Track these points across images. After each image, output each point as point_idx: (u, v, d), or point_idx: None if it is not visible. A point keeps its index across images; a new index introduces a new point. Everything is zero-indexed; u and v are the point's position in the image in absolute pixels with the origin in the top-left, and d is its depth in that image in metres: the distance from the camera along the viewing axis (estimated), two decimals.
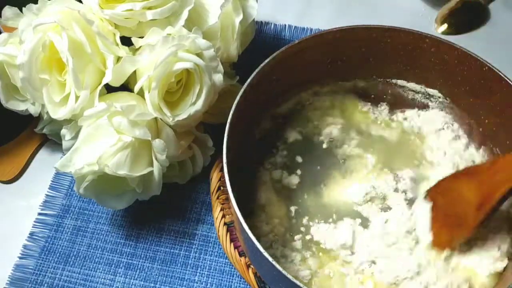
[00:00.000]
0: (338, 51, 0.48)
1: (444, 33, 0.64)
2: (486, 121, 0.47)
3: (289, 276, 0.35)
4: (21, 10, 0.45)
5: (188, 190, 0.51)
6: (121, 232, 0.50)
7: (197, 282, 0.47)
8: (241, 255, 0.45)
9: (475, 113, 0.49)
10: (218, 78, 0.44)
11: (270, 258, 0.35)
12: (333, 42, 0.47)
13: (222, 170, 0.39)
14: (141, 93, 0.43)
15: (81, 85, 0.42)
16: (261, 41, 0.62)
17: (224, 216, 0.47)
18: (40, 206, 0.51)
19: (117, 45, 0.43)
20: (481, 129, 0.48)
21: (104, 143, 0.41)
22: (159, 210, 0.50)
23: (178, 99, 0.44)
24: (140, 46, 0.44)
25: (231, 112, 0.41)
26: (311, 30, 0.64)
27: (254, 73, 0.43)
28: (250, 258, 0.43)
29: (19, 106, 0.48)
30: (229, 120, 0.41)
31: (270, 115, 0.51)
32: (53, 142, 0.53)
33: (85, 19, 0.41)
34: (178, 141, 0.45)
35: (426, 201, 0.44)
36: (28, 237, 0.49)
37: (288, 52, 0.45)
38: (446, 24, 0.64)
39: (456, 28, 0.64)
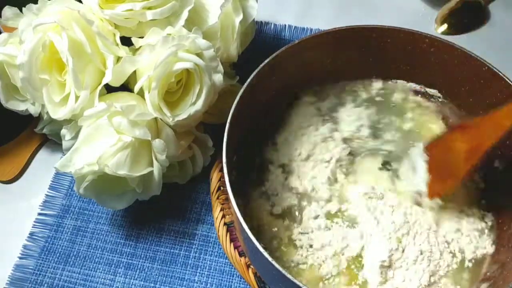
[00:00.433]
0: (338, 51, 0.48)
1: (444, 33, 0.64)
2: None
3: (289, 276, 0.35)
4: (21, 10, 0.45)
5: (188, 190, 0.51)
6: (121, 232, 0.50)
7: (197, 282, 0.47)
8: (241, 255, 0.45)
9: (475, 113, 0.49)
10: (218, 78, 0.44)
11: (270, 258, 0.35)
12: (333, 42, 0.47)
13: (222, 170, 0.39)
14: (141, 93, 0.43)
15: (81, 85, 0.42)
16: (261, 41, 0.62)
17: (224, 216, 0.47)
18: (40, 206, 0.51)
19: (117, 45, 0.43)
20: None
21: (104, 143, 0.41)
22: (159, 210, 0.50)
23: (178, 99, 0.44)
24: (140, 46, 0.44)
25: (231, 112, 0.41)
26: (311, 30, 0.64)
27: (254, 73, 0.43)
28: (250, 258, 0.43)
29: (19, 106, 0.48)
30: (229, 120, 0.41)
31: (270, 115, 0.51)
32: (53, 142, 0.53)
33: (85, 19, 0.41)
34: (178, 141, 0.45)
35: (423, 154, 0.45)
36: (28, 237, 0.49)
37: (288, 52, 0.45)
38: (446, 24, 0.64)
39: (456, 28, 0.64)
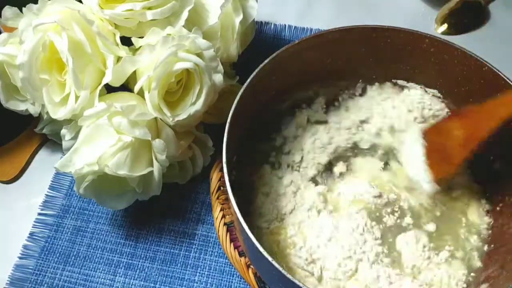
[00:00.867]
0: (338, 51, 0.48)
1: (444, 33, 0.64)
2: None
3: (289, 276, 0.35)
4: (21, 10, 0.45)
5: (188, 190, 0.51)
6: (121, 232, 0.50)
7: (197, 282, 0.47)
8: (241, 255, 0.45)
9: None
10: (218, 78, 0.44)
11: (270, 258, 0.35)
12: (333, 42, 0.47)
13: (222, 170, 0.39)
14: (141, 93, 0.43)
15: (81, 85, 0.42)
16: (261, 41, 0.62)
17: (224, 216, 0.47)
18: (40, 206, 0.51)
19: (117, 45, 0.43)
20: None
21: (104, 143, 0.41)
22: (159, 210, 0.50)
23: (178, 99, 0.44)
24: (140, 46, 0.44)
25: (231, 112, 0.41)
26: (311, 30, 0.64)
27: (254, 73, 0.43)
28: (250, 258, 0.43)
29: (19, 106, 0.48)
30: (229, 120, 0.41)
31: (270, 115, 0.51)
32: (53, 142, 0.53)
33: (85, 19, 0.41)
34: (178, 141, 0.45)
35: (421, 140, 0.46)
36: (28, 237, 0.49)
37: (288, 52, 0.45)
38: (446, 24, 0.64)
39: (456, 28, 0.64)
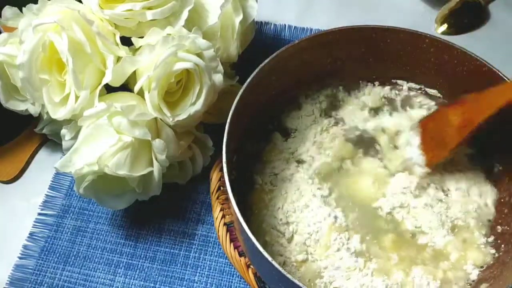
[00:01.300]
0: (338, 51, 0.48)
1: (444, 33, 0.64)
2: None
3: (288, 276, 0.35)
4: (21, 10, 0.45)
5: (188, 190, 0.51)
6: (121, 232, 0.50)
7: (197, 282, 0.47)
8: (241, 255, 0.45)
9: None
10: (218, 78, 0.44)
11: (270, 258, 0.35)
12: (333, 42, 0.47)
13: (222, 170, 0.39)
14: (141, 93, 0.43)
15: (81, 85, 0.42)
16: (261, 41, 0.62)
17: (224, 216, 0.47)
18: (40, 206, 0.51)
19: (117, 45, 0.43)
20: None
21: (104, 143, 0.41)
22: (159, 210, 0.50)
23: (178, 99, 0.44)
24: (140, 46, 0.44)
25: (231, 112, 0.41)
26: (311, 30, 0.64)
27: (254, 73, 0.43)
28: (250, 258, 0.43)
29: (19, 106, 0.48)
30: (229, 120, 0.41)
31: (270, 115, 0.51)
32: (53, 142, 0.53)
33: (85, 19, 0.41)
34: (178, 141, 0.45)
35: (417, 128, 0.47)
36: (28, 237, 0.49)
37: (288, 52, 0.45)
38: (446, 24, 0.64)
39: (456, 28, 0.64)
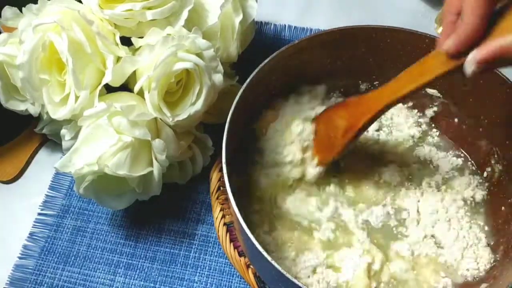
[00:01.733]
0: (338, 51, 0.48)
1: None
2: (486, 121, 0.47)
3: (288, 276, 0.34)
4: (21, 10, 0.45)
5: (188, 190, 0.51)
6: (121, 232, 0.50)
7: (197, 282, 0.47)
8: (241, 255, 0.45)
9: (475, 113, 0.48)
10: (218, 78, 0.44)
11: (269, 258, 0.35)
12: (333, 42, 0.47)
13: (222, 170, 0.39)
14: (141, 93, 0.43)
15: (81, 85, 0.42)
16: (261, 41, 0.62)
17: (224, 216, 0.47)
18: (40, 206, 0.51)
19: (117, 45, 0.43)
20: (480, 129, 0.48)
21: (104, 143, 0.41)
22: (159, 210, 0.50)
23: (178, 99, 0.44)
24: (140, 46, 0.44)
25: (231, 112, 0.41)
26: (311, 30, 0.64)
27: (254, 73, 0.43)
28: (250, 258, 0.43)
29: (19, 106, 0.48)
30: (228, 120, 0.41)
31: (270, 115, 0.51)
32: (53, 142, 0.53)
33: (85, 19, 0.41)
34: (178, 141, 0.45)
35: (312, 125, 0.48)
36: (28, 237, 0.49)
37: (288, 52, 0.45)
38: None
39: None
